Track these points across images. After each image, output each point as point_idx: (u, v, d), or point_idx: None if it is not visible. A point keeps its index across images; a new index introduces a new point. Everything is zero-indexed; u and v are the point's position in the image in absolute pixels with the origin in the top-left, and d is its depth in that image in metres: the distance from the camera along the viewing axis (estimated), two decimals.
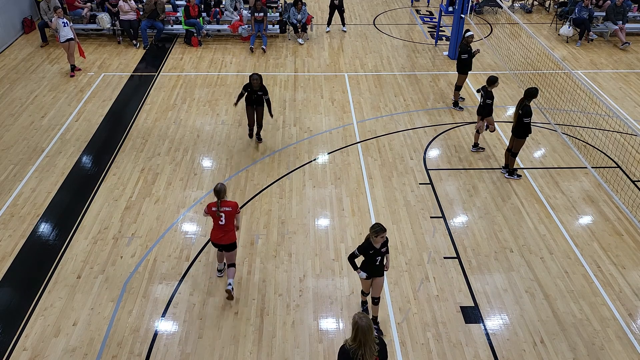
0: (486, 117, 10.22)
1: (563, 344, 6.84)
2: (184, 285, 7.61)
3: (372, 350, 4.91)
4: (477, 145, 10.61)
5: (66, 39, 13.09)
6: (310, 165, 10.19)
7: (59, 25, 13.03)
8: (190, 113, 11.90)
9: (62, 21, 13.04)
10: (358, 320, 4.86)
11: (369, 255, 6.37)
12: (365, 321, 4.85)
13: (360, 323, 4.84)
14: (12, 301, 7.37)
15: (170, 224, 8.72)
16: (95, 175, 9.87)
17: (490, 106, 10.06)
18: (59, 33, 13.06)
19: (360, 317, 4.87)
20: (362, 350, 4.87)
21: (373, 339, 4.92)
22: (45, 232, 8.58)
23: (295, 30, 15.74)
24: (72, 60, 13.44)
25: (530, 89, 9.20)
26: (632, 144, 10.88)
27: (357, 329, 4.84)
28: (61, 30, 13.05)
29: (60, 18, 13.05)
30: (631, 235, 8.61)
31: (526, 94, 9.17)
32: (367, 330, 4.83)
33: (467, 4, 14.06)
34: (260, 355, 6.66)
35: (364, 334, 4.83)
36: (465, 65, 11.72)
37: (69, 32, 13.13)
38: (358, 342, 4.87)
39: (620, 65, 14.47)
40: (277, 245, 8.33)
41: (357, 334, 4.85)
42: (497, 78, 9.96)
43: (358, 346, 4.87)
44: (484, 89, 10.08)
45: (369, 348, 4.88)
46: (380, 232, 6.14)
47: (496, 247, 8.35)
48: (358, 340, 4.86)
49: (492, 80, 9.91)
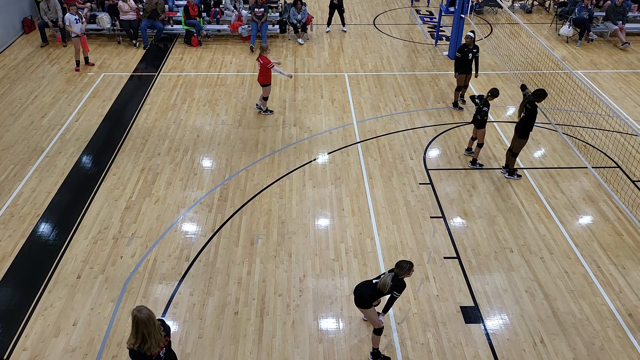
0: (479, 129, 9.82)
1: (563, 344, 6.84)
2: (184, 285, 7.61)
3: (158, 338, 4.86)
4: (476, 162, 10.15)
5: (76, 34, 13.19)
6: (310, 165, 10.19)
7: (71, 21, 13.09)
8: (190, 113, 11.91)
9: (74, 17, 13.12)
10: (137, 313, 4.76)
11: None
12: (144, 312, 4.75)
13: (139, 316, 4.74)
14: (12, 301, 7.37)
15: (170, 224, 8.72)
16: (95, 175, 9.87)
17: (485, 115, 9.58)
18: (72, 28, 13.12)
19: (139, 310, 4.77)
20: (149, 343, 4.79)
21: (157, 326, 4.85)
22: (45, 232, 8.58)
23: (295, 30, 15.74)
24: (78, 56, 13.63)
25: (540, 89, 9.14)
26: (632, 144, 10.88)
27: (136, 323, 4.75)
28: (74, 26, 13.13)
29: (73, 14, 13.11)
30: (631, 235, 8.61)
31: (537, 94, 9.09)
32: (147, 321, 4.76)
33: (467, 4, 14.06)
34: (260, 355, 6.66)
35: (145, 326, 4.75)
36: (456, 65, 11.64)
37: (80, 29, 13.25)
38: (142, 337, 4.77)
39: (620, 65, 14.47)
40: (277, 245, 8.33)
41: (139, 328, 4.75)
42: (498, 93, 9.62)
43: (143, 341, 4.78)
44: (481, 98, 9.66)
45: (154, 339, 4.81)
46: (412, 267, 6.10)
47: (496, 247, 8.35)
48: (141, 334, 4.77)
49: (494, 93, 9.56)
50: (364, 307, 6.32)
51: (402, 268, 6.01)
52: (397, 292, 6.08)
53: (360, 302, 6.31)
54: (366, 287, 6.28)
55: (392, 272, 6.09)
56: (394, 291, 6.08)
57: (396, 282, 6.03)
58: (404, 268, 6.01)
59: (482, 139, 9.94)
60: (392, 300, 6.19)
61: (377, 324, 6.37)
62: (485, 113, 9.60)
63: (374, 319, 6.37)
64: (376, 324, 6.38)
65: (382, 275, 6.19)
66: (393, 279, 6.02)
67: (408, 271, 6.02)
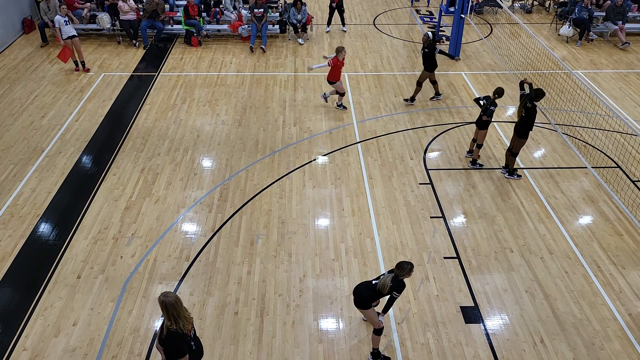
0: (481, 130, 9.81)
1: (563, 344, 6.84)
2: (184, 285, 7.62)
3: (188, 317, 5.28)
4: (476, 162, 10.16)
5: (68, 36, 13.15)
6: (310, 165, 10.19)
7: (60, 23, 13.06)
8: (190, 113, 11.91)
9: (64, 19, 13.08)
10: (163, 298, 5.11)
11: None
12: (170, 296, 5.10)
13: (166, 300, 5.09)
14: (12, 301, 7.37)
15: (170, 224, 8.72)
16: (95, 175, 9.87)
17: (491, 115, 9.57)
18: (61, 30, 13.09)
19: (165, 295, 5.12)
20: (181, 322, 5.14)
21: (183, 308, 5.23)
22: (45, 232, 8.58)
23: (295, 30, 15.74)
24: (82, 56, 13.65)
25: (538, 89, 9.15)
26: (632, 144, 10.88)
27: (165, 307, 5.10)
28: (63, 28, 13.09)
29: (62, 16, 13.08)
30: (631, 235, 8.61)
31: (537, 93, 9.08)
32: (175, 303, 5.10)
33: (467, 4, 14.07)
34: (260, 355, 6.66)
35: (174, 307, 5.10)
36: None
37: (71, 30, 13.20)
38: (174, 318, 5.11)
39: (620, 65, 14.47)
40: (277, 245, 8.33)
41: (169, 310, 5.08)
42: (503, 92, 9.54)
43: (175, 321, 5.12)
44: (487, 99, 9.58)
45: (183, 318, 5.19)
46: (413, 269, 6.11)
47: (496, 247, 8.35)
48: (172, 316, 5.09)
49: (500, 92, 9.48)
50: (363, 307, 6.32)
51: (403, 269, 6.00)
52: (397, 293, 6.08)
53: (359, 303, 6.30)
54: (365, 288, 6.27)
55: (392, 272, 6.09)
56: (393, 292, 6.07)
57: (396, 283, 6.03)
58: (405, 269, 6.00)
59: (482, 140, 9.93)
60: (391, 301, 6.19)
61: (377, 324, 6.37)
62: (491, 113, 9.58)
63: (373, 319, 6.37)
64: (376, 324, 6.38)
65: (382, 276, 6.19)
66: (393, 279, 6.02)
67: (408, 272, 6.02)
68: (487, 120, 9.66)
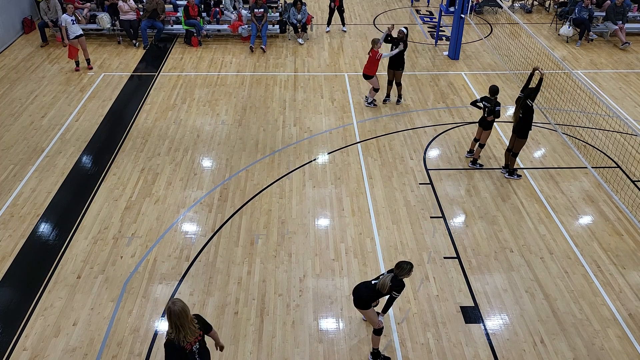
0: (485, 130, 9.80)
1: (563, 344, 6.84)
2: (184, 285, 7.62)
3: (192, 329, 5.11)
4: (476, 162, 10.15)
5: (75, 35, 13.20)
6: (310, 165, 10.19)
7: (68, 22, 13.09)
8: (190, 113, 11.91)
9: (71, 18, 13.13)
10: (171, 305, 5.00)
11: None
12: (178, 305, 4.98)
13: (173, 308, 4.98)
14: (12, 301, 7.37)
15: (170, 224, 8.72)
16: (95, 175, 9.87)
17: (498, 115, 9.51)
18: (68, 30, 13.12)
19: (174, 302, 5.01)
20: (182, 333, 5.02)
21: (190, 319, 5.07)
22: (45, 232, 8.58)
23: (295, 30, 15.74)
24: (87, 54, 13.71)
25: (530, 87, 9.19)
26: (632, 144, 10.88)
27: (169, 315, 4.99)
28: (70, 27, 13.13)
29: (70, 15, 13.12)
30: (631, 235, 8.61)
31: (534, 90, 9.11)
32: (180, 313, 4.98)
33: (467, 3, 14.06)
34: (260, 355, 6.66)
35: (178, 317, 4.97)
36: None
37: (78, 29, 13.27)
38: (175, 328, 5.01)
39: (620, 65, 14.47)
40: (277, 245, 8.33)
41: (172, 319, 4.99)
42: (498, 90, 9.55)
43: (177, 331, 5.02)
44: (488, 100, 9.56)
45: (187, 329, 5.05)
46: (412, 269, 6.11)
47: (496, 247, 8.35)
48: (174, 325, 5.00)
49: (495, 90, 9.49)
50: (363, 308, 6.31)
51: (402, 269, 6.00)
52: (397, 293, 6.08)
53: (359, 303, 6.30)
54: (365, 288, 6.27)
55: (391, 272, 6.09)
56: (393, 292, 6.07)
57: (395, 283, 6.03)
58: (404, 269, 6.00)
59: (485, 140, 9.95)
60: (391, 301, 6.19)
61: (377, 324, 6.37)
62: (499, 113, 9.52)
63: (373, 319, 6.37)
64: (376, 324, 6.38)
65: (382, 275, 6.19)
66: (392, 279, 6.02)
67: (408, 272, 6.02)
68: (492, 120, 9.67)
